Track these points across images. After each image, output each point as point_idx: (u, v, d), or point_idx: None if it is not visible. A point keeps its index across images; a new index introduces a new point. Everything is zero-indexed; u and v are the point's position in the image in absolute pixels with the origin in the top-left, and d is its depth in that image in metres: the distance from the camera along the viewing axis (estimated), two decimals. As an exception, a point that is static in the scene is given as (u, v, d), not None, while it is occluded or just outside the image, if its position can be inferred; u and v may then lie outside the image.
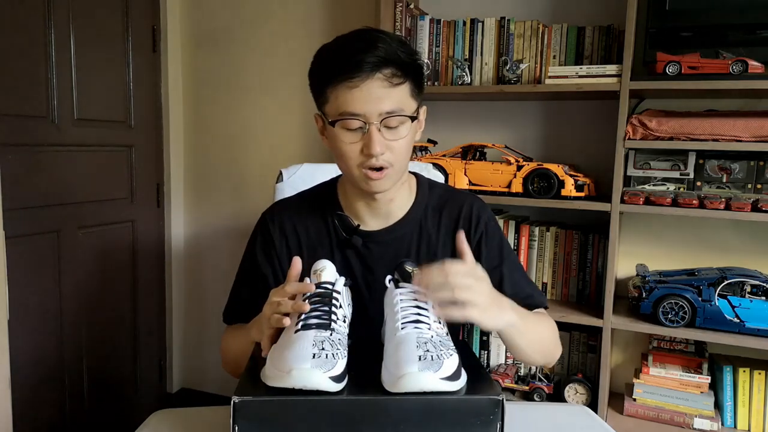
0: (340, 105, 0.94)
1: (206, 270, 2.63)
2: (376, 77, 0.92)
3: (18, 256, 1.86)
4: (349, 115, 0.94)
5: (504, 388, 1.92)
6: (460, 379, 0.76)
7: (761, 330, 1.61)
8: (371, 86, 0.92)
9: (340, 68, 0.93)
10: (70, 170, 2.07)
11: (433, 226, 1.10)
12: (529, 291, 1.11)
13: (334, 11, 2.28)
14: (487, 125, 2.11)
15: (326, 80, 0.96)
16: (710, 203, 1.62)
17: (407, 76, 0.96)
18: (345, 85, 0.93)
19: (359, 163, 0.97)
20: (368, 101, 0.92)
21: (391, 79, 0.93)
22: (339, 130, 0.96)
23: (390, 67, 0.93)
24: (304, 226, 1.10)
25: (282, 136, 2.42)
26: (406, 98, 0.96)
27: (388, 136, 0.95)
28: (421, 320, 0.82)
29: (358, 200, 1.07)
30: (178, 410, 1.02)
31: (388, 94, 0.93)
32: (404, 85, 0.95)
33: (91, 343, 2.20)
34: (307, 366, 0.73)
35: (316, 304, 0.84)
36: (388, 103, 0.93)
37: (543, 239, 1.93)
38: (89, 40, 2.10)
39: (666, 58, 1.61)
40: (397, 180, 1.02)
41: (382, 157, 0.95)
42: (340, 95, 0.94)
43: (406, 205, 1.10)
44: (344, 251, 1.08)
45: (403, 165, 1.01)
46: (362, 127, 0.94)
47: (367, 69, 0.91)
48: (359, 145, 0.96)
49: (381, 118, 0.94)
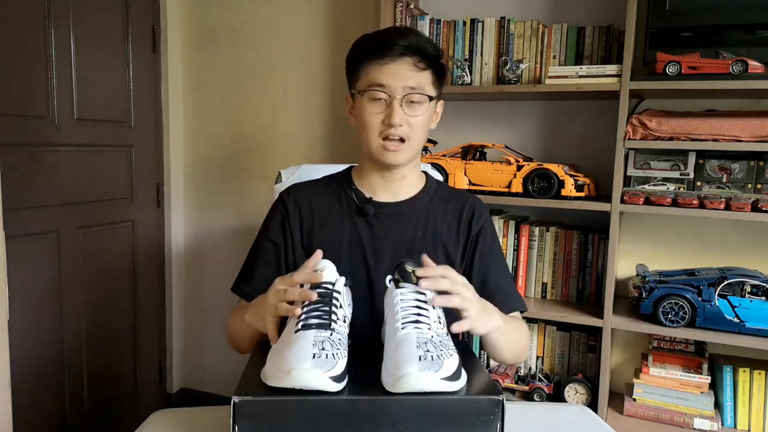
0: (370, 78, 1.07)
1: (206, 270, 2.63)
2: (405, 59, 1.06)
3: (18, 256, 1.86)
4: (377, 86, 1.06)
5: (504, 388, 1.92)
6: (460, 379, 0.76)
7: (761, 330, 1.60)
8: (399, 66, 1.06)
9: (374, 48, 1.07)
10: (70, 170, 2.07)
11: (439, 212, 1.18)
12: (510, 290, 1.18)
13: (335, 11, 2.28)
14: (487, 125, 2.11)
15: (361, 59, 1.09)
16: (710, 203, 1.62)
17: (430, 65, 1.08)
18: (377, 62, 1.06)
19: (380, 133, 1.07)
20: (395, 77, 1.05)
21: (417, 64, 1.06)
22: (366, 100, 1.08)
23: (417, 54, 1.06)
24: (317, 200, 1.18)
25: (282, 137, 2.42)
26: (428, 83, 1.09)
27: (408, 111, 1.07)
28: (421, 320, 0.82)
29: (373, 174, 1.16)
30: (178, 410, 1.02)
31: (413, 75, 1.06)
32: (427, 72, 1.08)
33: (91, 344, 2.20)
34: (306, 366, 0.73)
35: (317, 304, 0.84)
36: (412, 81, 1.06)
37: (543, 239, 1.93)
38: (89, 40, 2.10)
39: (666, 58, 1.61)
40: (411, 157, 1.12)
41: (401, 128, 1.06)
42: (371, 71, 1.07)
43: (415, 187, 1.18)
44: (355, 221, 1.14)
45: (419, 141, 1.11)
46: (386, 99, 1.06)
47: (398, 51, 1.05)
48: (382, 116, 1.07)
49: (404, 93, 1.05)
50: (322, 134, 2.36)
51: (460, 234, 1.17)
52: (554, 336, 1.95)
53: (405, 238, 1.13)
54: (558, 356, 1.96)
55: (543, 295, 1.95)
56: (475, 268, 1.16)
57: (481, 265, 1.16)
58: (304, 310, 0.84)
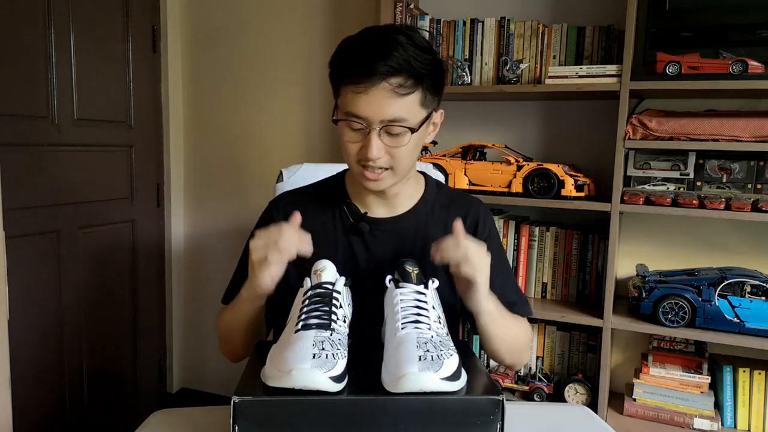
0: (347, 104, 0.96)
1: (206, 270, 2.63)
2: (383, 86, 0.92)
3: (18, 256, 1.86)
4: (353, 117, 0.96)
5: (504, 388, 1.92)
6: (460, 379, 0.76)
7: (761, 330, 1.61)
8: (377, 95, 0.93)
9: (350, 70, 0.94)
10: (70, 170, 2.07)
11: (439, 222, 1.11)
12: (514, 299, 1.13)
13: (334, 11, 2.28)
14: (487, 125, 2.11)
15: (339, 78, 0.98)
16: (710, 203, 1.62)
17: (419, 84, 0.95)
18: (352, 89, 0.94)
19: (358, 161, 1.00)
20: (372, 107, 0.94)
21: (399, 89, 0.93)
22: (343, 127, 0.99)
23: (400, 76, 0.93)
24: (309, 215, 1.10)
25: (282, 136, 2.42)
26: (413, 107, 0.96)
27: (388, 142, 0.97)
28: (421, 320, 0.82)
29: (365, 189, 1.08)
30: (178, 410, 1.02)
31: (393, 103, 0.94)
32: (413, 95, 0.95)
33: (91, 343, 2.20)
34: (307, 366, 0.73)
35: (317, 303, 0.84)
36: (392, 111, 0.94)
37: (543, 239, 1.93)
38: (89, 40, 2.10)
39: (666, 58, 1.60)
40: (398, 180, 1.04)
41: (379, 161, 0.97)
42: (348, 95, 0.96)
43: (412, 199, 1.12)
44: (349, 239, 1.10)
45: (405, 168, 1.02)
46: (363, 129, 0.96)
47: (376, 77, 0.92)
48: (359, 145, 0.98)
49: (382, 125, 0.95)
50: (322, 133, 2.36)
51: None
52: (554, 336, 1.95)
53: (402, 254, 1.06)
54: (558, 356, 1.96)
55: (543, 295, 1.95)
56: None
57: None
58: (304, 311, 0.84)
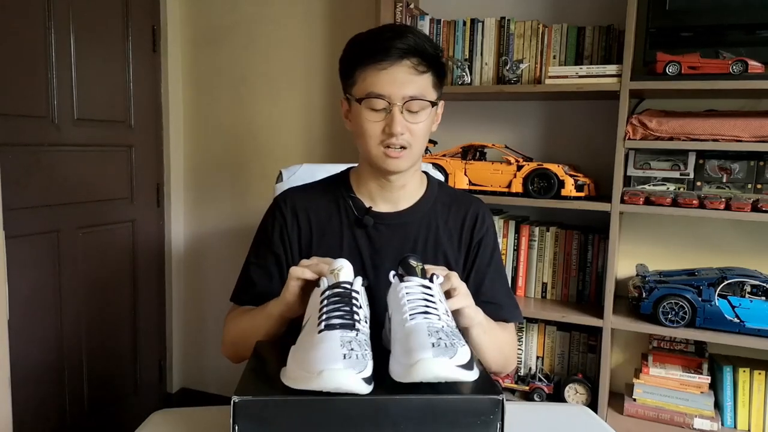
0: (368, 86, 1.01)
1: (206, 270, 2.63)
2: (403, 63, 1.00)
3: (18, 256, 1.86)
4: (375, 95, 1.01)
5: (504, 388, 1.92)
6: (474, 369, 0.73)
7: (761, 330, 1.60)
8: (398, 71, 1.00)
9: (371, 52, 1.01)
10: (70, 170, 2.07)
11: (441, 219, 1.15)
12: (503, 302, 1.14)
13: (335, 11, 2.28)
14: (487, 125, 2.11)
15: (357, 62, 1.03)
16: (710, 203, 1.62)
17: (431, 67, 1.03)
18: (374, 68, 1.01)
19: (380, 141, 1.04)
20: (394, 84, 1.00)
21: (417, 67, 1.01)
22: (364, 109, 1.03)
23: (416, 56, 1.01)
24: (315, 209, 1.14)
25: (282, 136, 2.42)
26: (428, 87, 1.04)
27: (408, 118, 1.03)
28: (430, 311, 0.79)
29: (372, 182, 1.12)
30: (178, 410, 1.01)
31: (413, 80, 1.01)
32: (428, 75, 1.03)
33: (91, 344, 2.20)
34: (339, 366, 0.69)
35: (337, 303, 0.80)
36: (412, 88, 1.01)
37: (543, 239, 1.93)
38: (89, 40, 2.10)
39: (666, 58, 1.61)
40: (412, 163, 1.08)
41: (402, 137, 1.02)
42: (368, 77, 1.01)
43: (416, 195, 1.15)
44: (354, 232, 1.11)
45: (420, 148, 1.07)
46: (386, 108, 1.01)
47: (396, 55, 0.99)
48: (381, 124, 1.02)
49: (404, 101, 1.01)
50: (322, 134, 2.36)
51: (462, 242, 1.15)
52: (554, 336, 1.95)
53: (405, 249, 1.10)
54: (558, 356, 1.96)
55: (543, 295, 1.95)
56: (471, 277, 1.14)
57: (477, 275, 1.14)
58: (324, 311, 0.80)
